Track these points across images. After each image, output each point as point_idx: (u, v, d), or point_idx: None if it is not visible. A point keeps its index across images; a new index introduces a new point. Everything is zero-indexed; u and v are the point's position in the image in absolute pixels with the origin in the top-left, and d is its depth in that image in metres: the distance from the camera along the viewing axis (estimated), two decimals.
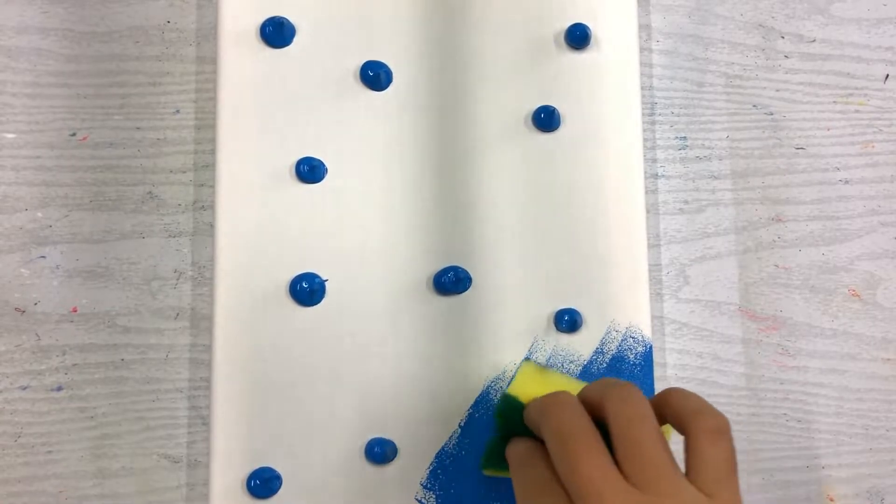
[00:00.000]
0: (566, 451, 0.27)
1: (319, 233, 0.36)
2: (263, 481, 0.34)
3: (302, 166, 0.36)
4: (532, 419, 0.32)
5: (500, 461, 0.34)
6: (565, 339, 0.37)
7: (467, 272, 0.37)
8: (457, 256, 0.37)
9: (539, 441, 0.31)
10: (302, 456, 0.35)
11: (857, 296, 0.41)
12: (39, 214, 0.37)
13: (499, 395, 0.36)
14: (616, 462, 0.27)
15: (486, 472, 0.36)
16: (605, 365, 0.37)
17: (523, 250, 0.38)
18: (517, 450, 0.32)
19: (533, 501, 0.29)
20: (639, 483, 0.26)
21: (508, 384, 0.36)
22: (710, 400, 0.39)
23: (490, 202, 0.38)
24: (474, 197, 0.38)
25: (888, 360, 0.41)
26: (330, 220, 0.37)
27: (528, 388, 0.35)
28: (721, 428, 0.28)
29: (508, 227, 0.38)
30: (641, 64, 0.40)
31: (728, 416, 0.39)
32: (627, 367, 0.37)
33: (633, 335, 0.38)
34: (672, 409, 0.29)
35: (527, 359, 0.36)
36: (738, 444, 0.39)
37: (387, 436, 0.36)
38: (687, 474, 0.27)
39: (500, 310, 0.37)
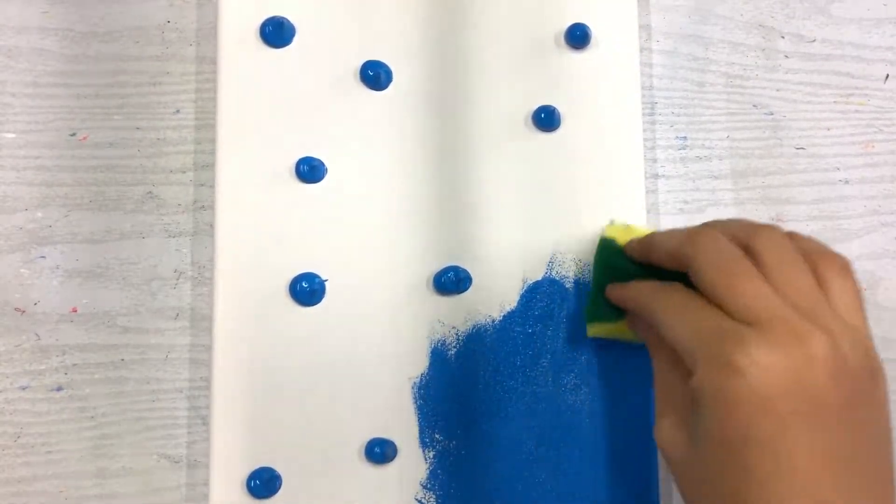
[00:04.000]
0: (728, 272, 0.28)
1: (319, 233, 0.36)
2: (263, 481, 0.34)
3: (302, 166, 0.36)
4: (667, 249, 0.32)
5: (607, 312, 0.34)
6: None
7: (467, 272, 0.37)
8: (457, 256, 0.37)
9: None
10: (302, 456, 0.35)
11: None
12: (39, 214, 0.37)
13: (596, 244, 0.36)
14: None
15: (591, 332, 0.36)
16: None
17: (523, 250, 0.38)
18: (641, 287, 0.32)
19: (698, 319, 0.28)
20: (797, 307, 0.27)
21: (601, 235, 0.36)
22: None
23: (490, 202, 0.38)
24: (474, 196, 0.38)
25: (888, 360, 0.41)
26: (330, 220, 0.37)
27: (620, 235, 0.35)
28: (847, 266, 0.30)
29: (508, 227, 0.38)
30: (641, 64, 0.40)
31: None
32: (631, 365, 0.37)
33: None
34: (804, 252, 0.30)
35: (611, 221, 0.37)
36: None
37: (387, 436, 0.36)
38: None
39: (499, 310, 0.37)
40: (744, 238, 0.30)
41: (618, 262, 0.35)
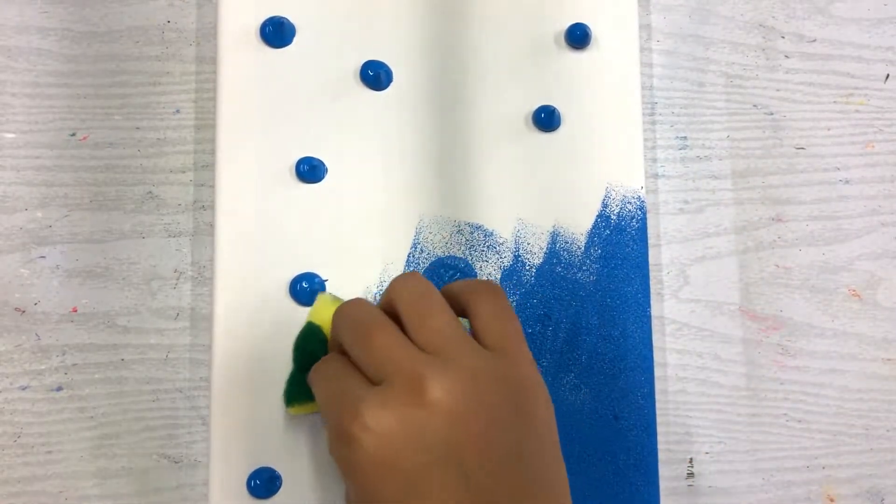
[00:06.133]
0: (359, 332, 0.28)
1: (319, 233, 0.36)
2: (263, 481, 0.34)
3: (302, 166, 0.36)
4: (333, 335, 0.31)
5: (303, 391, 0.33)
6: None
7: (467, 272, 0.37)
8: (457, 256, 0.37)
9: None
10: (302, 456, 0.35)
11: (857, 296, 0.41)
12: (39, 214, 0.37)
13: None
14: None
15: (292, 411, 0.34)
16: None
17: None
18: (318, 364, 0.31)
19: (332, 390, 0.28)
20: (429, 350, 0.27)
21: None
22: (710, 400, 0.40)
23: (490, 202, 0.38)
24: (474, 196, 0.38)
25: (888, 360, 0.41)
26: (330, 220, 0.37)
27: (326, 316, 0.34)
28: (493, 288, 0.29)
29: (508, 227, 0.38)
30: (641, 64, 0.40)
31: (728, 416, 0.40)
32: (630, 365, 0.37)
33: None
34: (452, 296, 0.30)
35: (322, 291, 0.36)
36: (739, 445, 0.39)
37: None
38: (475, 339, 0.29)
39: None
40: (386, 297, 0.30)
41: (315, 347, 0.34)
